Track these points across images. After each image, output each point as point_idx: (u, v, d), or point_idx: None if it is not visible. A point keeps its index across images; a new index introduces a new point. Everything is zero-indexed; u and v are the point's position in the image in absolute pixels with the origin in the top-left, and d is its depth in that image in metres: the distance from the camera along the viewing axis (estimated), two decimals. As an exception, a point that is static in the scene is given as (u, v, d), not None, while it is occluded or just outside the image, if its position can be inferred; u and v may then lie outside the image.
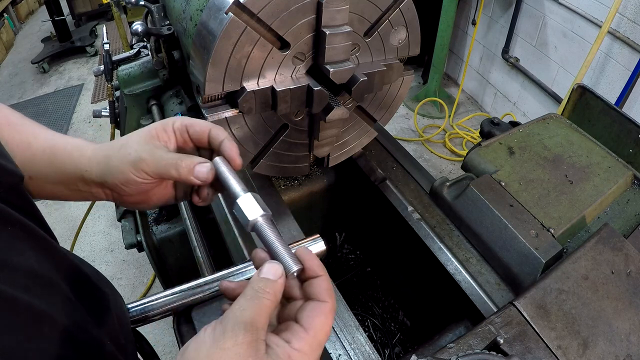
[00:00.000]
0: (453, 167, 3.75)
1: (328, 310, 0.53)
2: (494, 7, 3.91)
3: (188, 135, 0.66)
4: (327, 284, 0.55)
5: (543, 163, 1.26)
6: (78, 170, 0.66)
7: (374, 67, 1.12)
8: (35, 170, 0.66)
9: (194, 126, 0.65)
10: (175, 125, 0.66)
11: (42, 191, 0.68)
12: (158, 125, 0.66)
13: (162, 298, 0.86)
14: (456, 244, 1.15)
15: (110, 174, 0.64)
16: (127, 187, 0.64)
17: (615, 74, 2.99)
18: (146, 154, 0.62)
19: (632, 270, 0.94)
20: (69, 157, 0.66)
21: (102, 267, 3.00)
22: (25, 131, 0.68)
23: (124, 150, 0.64)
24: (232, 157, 0.63)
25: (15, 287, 0.43)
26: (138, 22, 1.35)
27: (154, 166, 0.62)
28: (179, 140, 0.66)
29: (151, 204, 0.70)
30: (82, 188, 0.67)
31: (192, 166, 0.61)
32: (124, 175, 0.63)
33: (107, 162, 0.64)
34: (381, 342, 1.60)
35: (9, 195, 0.51)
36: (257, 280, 0.51)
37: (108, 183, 0.64)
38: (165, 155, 0.63)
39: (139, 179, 0.63)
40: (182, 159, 0.62)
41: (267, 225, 0.58)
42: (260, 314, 0.49)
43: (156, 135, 0.65)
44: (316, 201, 1.49)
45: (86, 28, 5.71)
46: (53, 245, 0.54)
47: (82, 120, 4.44)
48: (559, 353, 0.80)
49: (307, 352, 0.49)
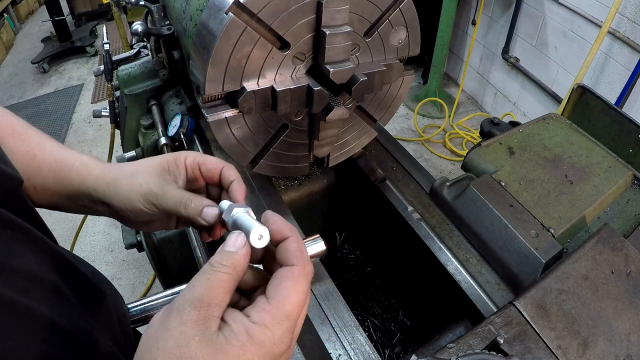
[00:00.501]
0: (453, 167, 3.75)
1: (296, 275, 0.46)
2: (494, 7, 3.91)
3: (200, 172, 0.66)
4: (295, 245, 0.49)
5: (543, 163, 1.26)
6: (85, 188, 0.66)
7: (374, 67, 1.12)
8: (40, 182, 0.67)
9: (207, 164, 0.66)
10: (187, 160, 0.66)
11: (46, 202, 0.69)
12: (170, 158, 0.66)
13: (162, 298, 0.86)
14: (456, 244, 1.15)
15: (118, 200, 0.64)
16: (133, 214, 0.65)
17: (615, 74, 2.99)
18: (157, 188, 0.62)
19: (632, 270, 0.94)
20: (76, 174, 0.66)
21: (102, 267, 3.00)
22: (31, 141, 0.68)
23: (135, 180, 0.64)
24: (238, 200, 0.63)
25: (15, 290, 0.43)
26: (138, 22, 1.35)
27: (164, 201, 0.62)
28: (190, 175, 0.66)
29: (152, 228, 0.71)
30: (88, 205, 0.68)
31: (200, 208, 0.61)
32: (132, 204, 0.63)
33: (115, 187, 0.64)
34: (381, 342, 1.60)
35: (8, 199, 0.51)
36: (215, 254, 0.47)
37: (114, 206, 0.65)
38: (176, 192, 0.63)
39: (147, 211, 0.63)
40: (192, 200, 0.62)
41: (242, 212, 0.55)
42: (212, 289, 0.43)
43: (168, 168, 0.65)
44: (316, 201, 1.49)
45: (86, 28, 5.71)
46: (52, 248, 0.54)
47: (82, 120, 4.44)
48: (559, 353, 0.80)
49: (269, 324, 0.43)
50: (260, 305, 0.44)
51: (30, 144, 0.68)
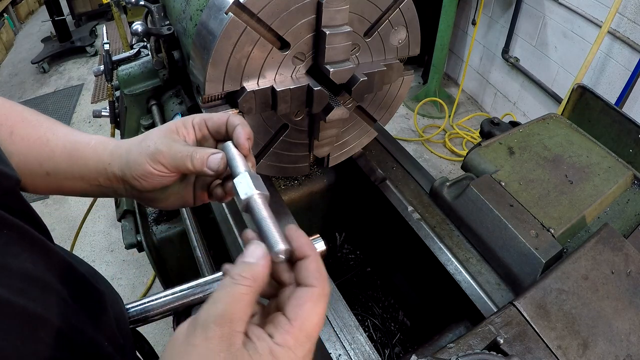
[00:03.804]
0: (453, 167, 3.75)
1: (316, 296, 0.47)
2: (494, 7, 3.91)
3: (207, 128, 0.66)
4: (315, 265, 0.49)
5: (543, 163, 1.26)
6: (101, 164, 0.66)
7: (374, 67, 1.12)
8: (53, 166, 0.66)
9: (212, 118, 0.66)
10: (194, 120, 0.66)
11: (59, 187, 0.69)
12: (178, 121, 0.67)
13: (162, 298, 0.86)
14: (456, 244, 1.15)
15: (129, 167, 0.64)
16: (145, 180, 0.64)
17: (615, 74, 2.99)
18: (164, 147, 0.63)
19: (632, 270, 0.94)
20: (93, 152, 0.66)
21: (102, 267, 3.00)
22: (42, 127, 0.68)
23: (144, 143, 0.64)
24: (239, 143, 0.63)
25: (11, 290, 0.43)
26: (138, 22, 1.35)
27: (171, 158, 0.62)
28: (198, 134, 0.67)
29: (169, 203, 0.71)
30: (103, 183, 0.67)
31: (206, 157, 0.62)
32: (142, 168, 0.63)
33: (127, 155, 0.65)
34: (381, 342, 1.60)
35: (5, 199, 0.51)
36: (235, 266, 0.47)
37: (126, 176, 0.65)
38: (182, 147, 0.63)
39: (156, 171, 0.63)
40: (197, 151, 0.62)
41: (260, 203, 0.54)
42: (234, 303, 0.44)
43: (176, 129, 0.65)
44: (316, 201, 1.49)
45: (86, 28, 5.71)
46: (49, 247, 0.53)
47: (82, 120, 4.44)
48: (559, 353, 0.80)
49: (293, 346, 0.44)
50: (283, 327, 0.45)
51: (42, 129, 0.68)
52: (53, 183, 0.68)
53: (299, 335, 0.45)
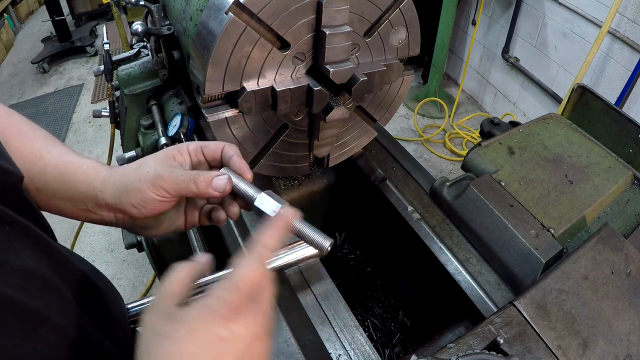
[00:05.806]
0: (453, 167, 3.75)
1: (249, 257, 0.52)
2: (494, 7, 3.91)
3: (202, 155, 0.70)
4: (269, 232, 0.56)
5: (543, 163, 1.26)
6: (92, 190, 0.66)
7: (374, 67, 1.12)
8: (43, 183, 0.66)
9: (209, 146, 0.70)
10: (190, 147, 0.69)
11: (47, 205, 0.68)
12: (173, 147, 0.69)
13: (162, 298, 0.86)
14: (456, 244, 1.15)
15: (127, 194, 0.64)
16: (144, 207, 0.64)
17: (615, 74, 2.99)
18: (164, 172, 0.64)
19: (632, 270, 0.94)
20: (84, 176, 0.67)
21: (102, 267, 2.99)
22: (37, 142, 0.69)
23: (142, 170, 0.65)
24: (243, 171, 0.68)
25: (12, 287, 0.43)
26: (138, 22, 1.35)
27: (173, 182, 0.63)
28: (194, 160, 0.69)
29: (161, 229, 0.72)
30: (92, 209, 0.67)
31: (210, 179, 0.64)
32: (142, 194, 0.63)
33: (123, 182, 0.65)
34: (381, 342, 1.60)
35: (7, 195, 0.51)
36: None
37: (122, 204, 0.65)
38: (183, 171, 0.65)
39: (158, 197, 0.64)
40: (200, 174, 0.64)
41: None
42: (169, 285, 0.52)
43: (172, 156, 0.68)
44: (316, 201, 1.49)
45: (86, 28, 5.71)
46: (51, 245, 0.54)
47: (82, 120, 4.44)
48: (559, 353, 0.80)
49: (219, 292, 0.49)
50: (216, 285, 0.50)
51: (37, 144, 0.68)
52: (42, 200, 0.67)
53: (226, 284, 0.49)
